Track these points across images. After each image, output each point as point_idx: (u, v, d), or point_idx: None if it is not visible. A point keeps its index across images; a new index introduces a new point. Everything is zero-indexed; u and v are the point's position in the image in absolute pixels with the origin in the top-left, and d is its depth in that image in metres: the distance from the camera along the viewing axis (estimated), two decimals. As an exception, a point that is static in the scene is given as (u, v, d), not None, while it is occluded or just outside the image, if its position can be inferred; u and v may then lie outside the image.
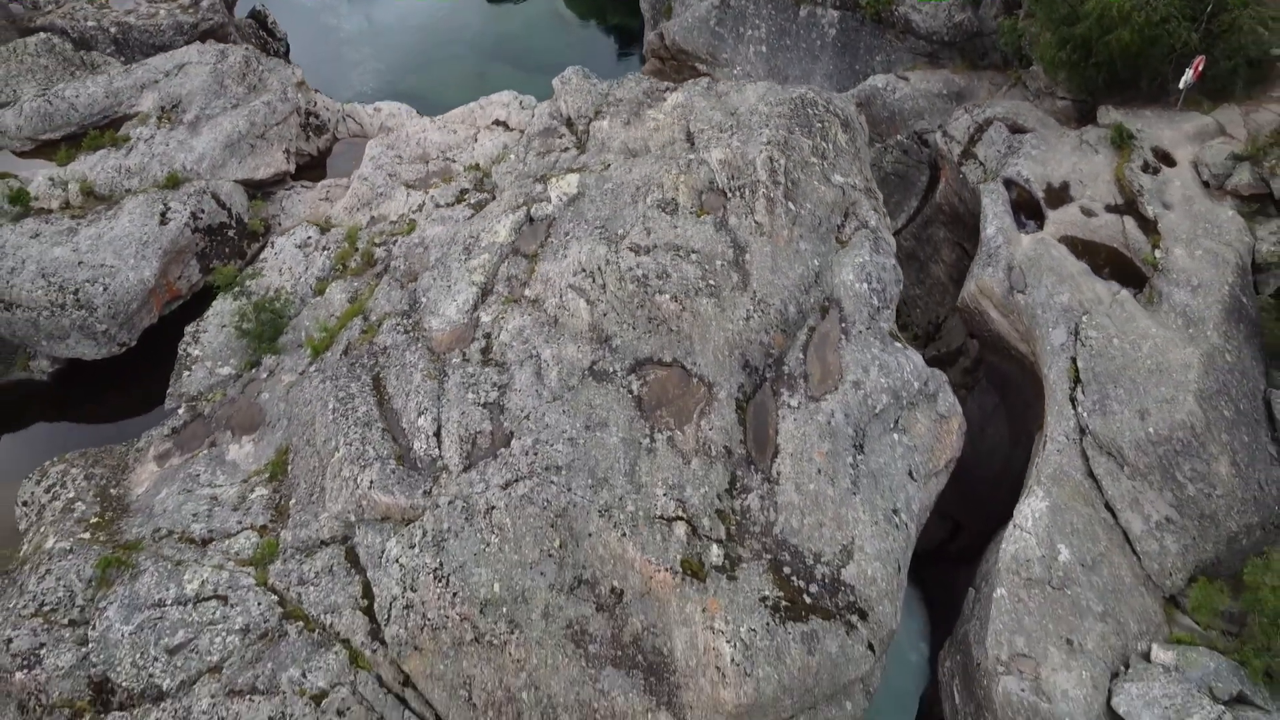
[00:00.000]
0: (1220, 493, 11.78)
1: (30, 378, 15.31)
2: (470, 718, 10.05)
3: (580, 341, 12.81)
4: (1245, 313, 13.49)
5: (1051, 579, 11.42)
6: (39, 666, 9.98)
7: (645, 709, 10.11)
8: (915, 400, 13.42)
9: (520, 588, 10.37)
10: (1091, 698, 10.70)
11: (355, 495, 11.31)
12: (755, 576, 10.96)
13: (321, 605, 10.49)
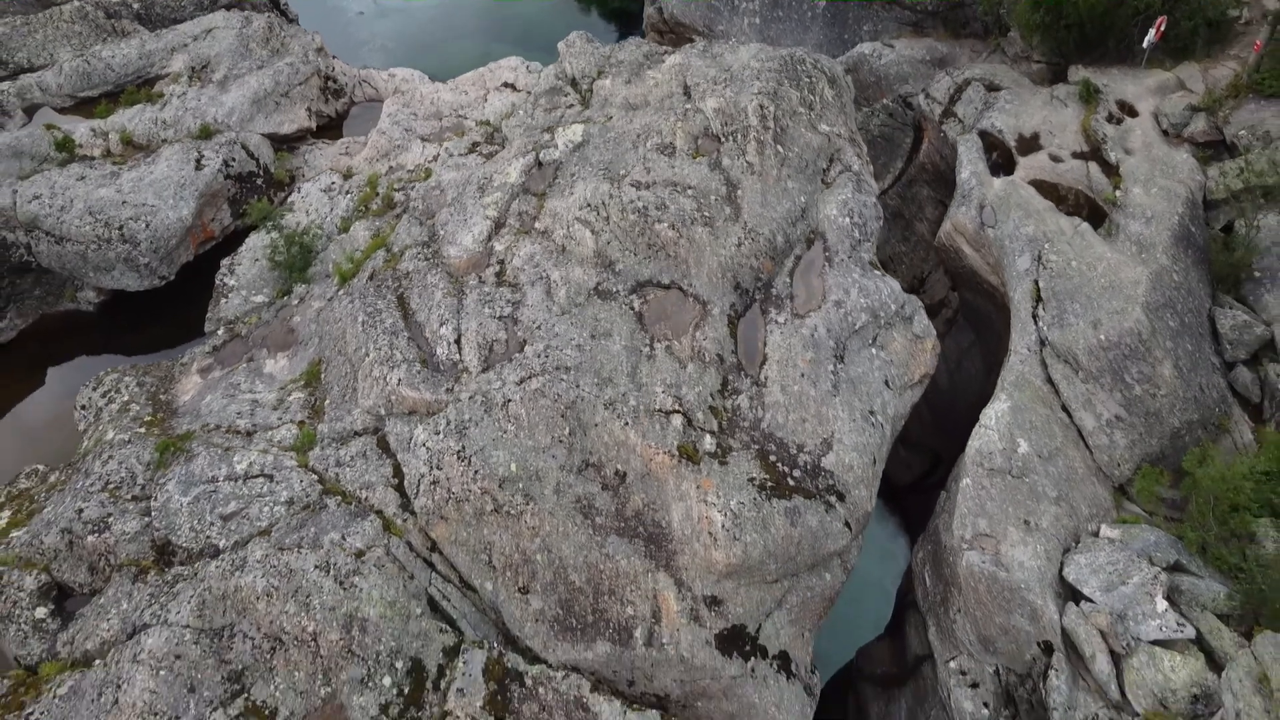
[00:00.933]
0: (1164, 393, 13.12)
1: (77, 309, 16.63)
2: (490, 577, 11.36)
3: (586, 266, 14.13)
4: (1193, 240, 14.84)
5: (1011, 469, 12.75)
6: (108, 531, 11.31)
7: (646, 570, 11.43)
8: (892, 321, 14.77)
9: (534, 468, 11.68)
10: (1045, 568, 12.03)
11: (385, 392, 12.65)
12: (744, 462, 12.30)
13: (357, 483, 11.81)
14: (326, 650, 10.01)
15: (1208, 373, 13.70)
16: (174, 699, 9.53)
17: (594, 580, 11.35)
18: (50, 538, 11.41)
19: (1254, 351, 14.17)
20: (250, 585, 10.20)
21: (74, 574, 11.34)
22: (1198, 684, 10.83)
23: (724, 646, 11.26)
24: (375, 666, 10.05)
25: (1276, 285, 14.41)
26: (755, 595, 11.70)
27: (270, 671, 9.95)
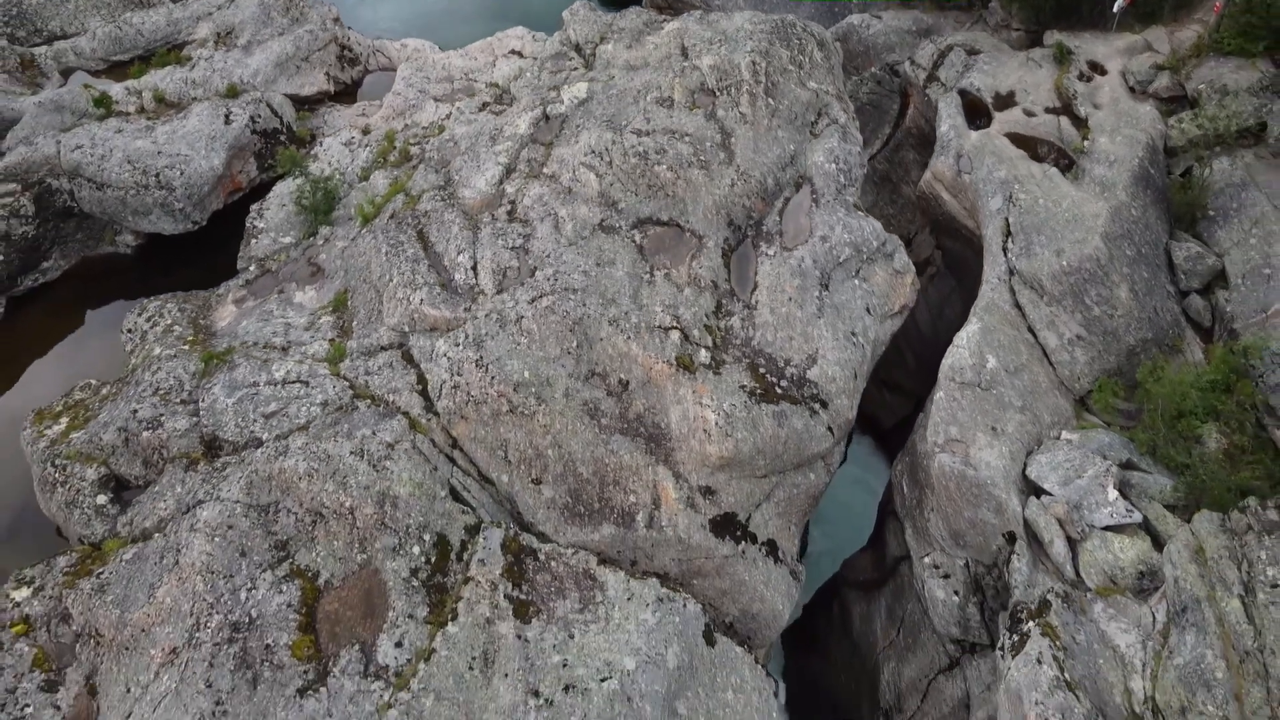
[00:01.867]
0: (1120, 314, 14.41)
1: (116, 251, 17.91)
2: (506, 471, 12.63)
3: (591, 204, 15.40)
4: (1152, 181, 16.12)
5: (980, 382, 14.03)
6: (160, 429, 12.58)
7: (647, 464, 12.70)
8: (874, 256, 16.04)
9: (545, 375, 12.94)
10: (1009, 467, 13.30)
11: (408, 310, 13.93)
12: (736, 373, 13.57)
13: (385, 388, 13.07)
14: (362, 523, 11.27)
15: (1162, 298, 14.98)
16: (228, 561, 10.79)
17: (600, 472, 12.62)
18: (108, 435, 12.67)
19: (1207, 281, 15.44)
20: (293, 468, 11.47)
21: (130, 467, 12.60)
22: (1144, 562, 12.09)
23: (717, 530, 12.54)
24: (405, 538, 11.32)
25: (1228, 222, 15.68)
26: (746, 487, 12.97)
27: (312, 541, 11.22)
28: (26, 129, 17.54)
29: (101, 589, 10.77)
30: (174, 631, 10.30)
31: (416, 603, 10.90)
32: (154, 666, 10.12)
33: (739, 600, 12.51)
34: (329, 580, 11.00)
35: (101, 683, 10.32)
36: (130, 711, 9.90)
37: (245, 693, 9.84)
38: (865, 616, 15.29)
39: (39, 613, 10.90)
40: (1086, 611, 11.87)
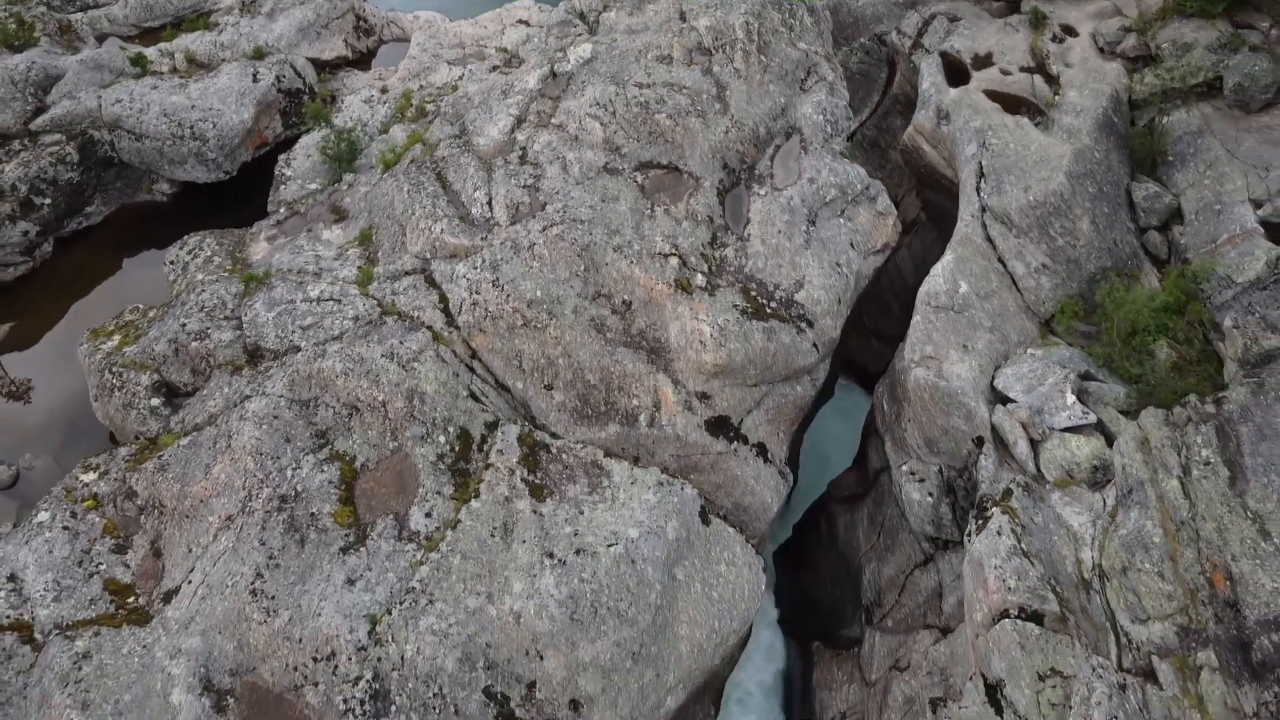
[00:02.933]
0: (1082, 244, 15.78)
1: (153, 199, 19.28)
2: (520, 378, 14.00)
3: (596, 149, 16.77)
4: (1115, 129, 17.50)
5: (954, 305, 15.39)
6: (208, 339, 13.95)
7: (648, 372, 14.07)
8: (858, 199, 17.42)
9: (556, 295, 14.31)
10: (978, 379, 14.66)
11: (430, 239, 15.30)
12: (729, 294, 14.94)
13: (410, 306, 14.43)
14: (393, 415, 12.64)
15: (1122, 232, 16.36)
16: (274, 445, 12.16)
17: (606, 379, 13.99)
18: (159, 347, 14.04)
19: (1165, 219, 16.80)
20: (330, 367, 12.84)
21: (180, 375, 13.97)
22: (1098, 458, 13.45)
23: (712, 430, 13.91)
24: (432, 428, 12.69)
25: (1185, 166, 17.05)
26: (738, 394, 14.34)
27: (349, 430, 12.59)
28: (69, 85, 18.89)
29: (163, 468, 12.14)
30: (229, 502, 11.67)
31: (443, 482, 12.27)
32: (213, 530, 11.49)
33: (732, 493, 13.87)
34: (365, 463, 12.37)
35: (165, 545, 11.69)
36: (193, 567, 11.26)
37: (294, 550, 11.20)
38: (849, 526, 16.66)
39: (105, 491, 12.26)
40: (1045, 499, 13.25)
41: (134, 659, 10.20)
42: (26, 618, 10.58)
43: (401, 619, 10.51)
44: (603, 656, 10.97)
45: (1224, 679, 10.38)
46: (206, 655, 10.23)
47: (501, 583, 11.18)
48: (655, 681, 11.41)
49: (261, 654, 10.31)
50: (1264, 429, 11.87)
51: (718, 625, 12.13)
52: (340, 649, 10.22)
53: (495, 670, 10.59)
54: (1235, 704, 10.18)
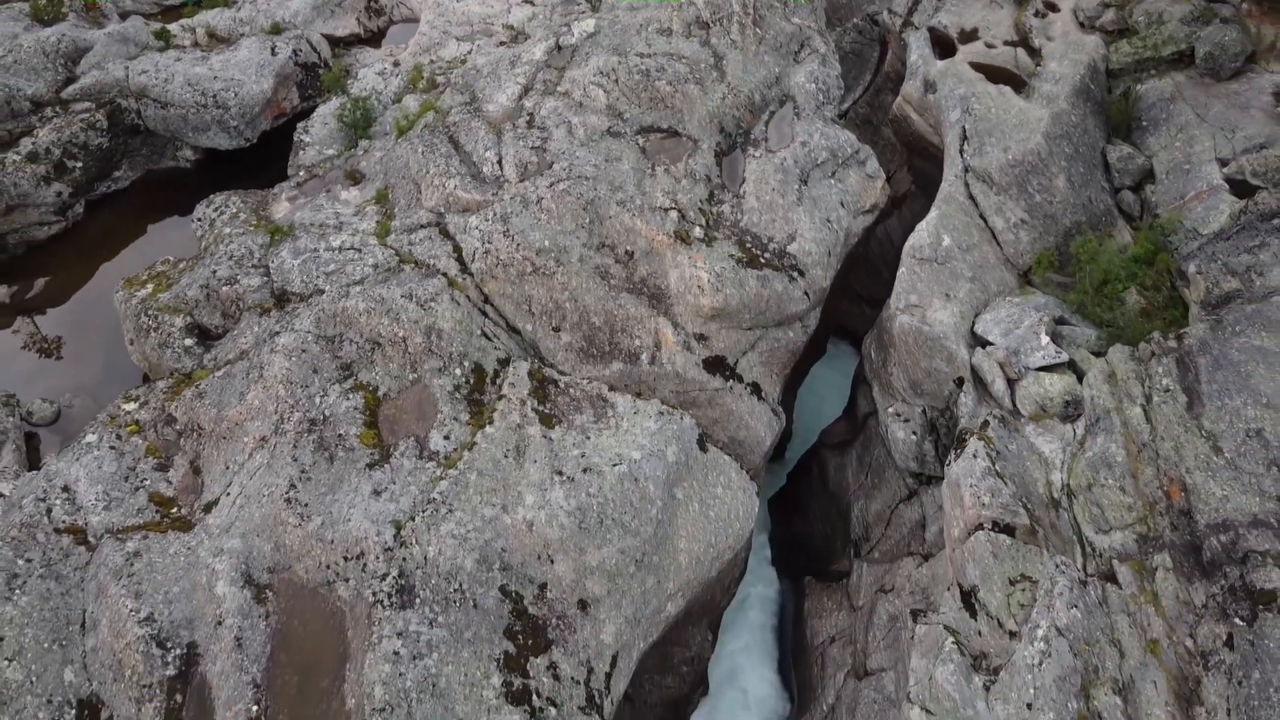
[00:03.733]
0: (1058, 200, 16.78)
1: (178, 165, 20.29)
2: (530, 321, 14.99)
3: (600, 114, 17.77)
4: (1092, 95, 18.52)
5: (937, 257, 16.39)
6: (237, 284, 14.95)
7: (649, 315, 15.07)
8: (849, 162, 18.43)
9: (562, 244, 15.30)
10: (959, 324, 15.66)
11: (444, 194, 16.30)
12: (726, 246, 15.94)
13: (426, 255, 15.43)
14: (413, 349, 13.64)
15: (1097, 191, 17.36)
16: (303, 375, 13.16)
17: (609, 322, 14.98)
18: (191, 291, 15.04)
19: (1138, 180, 17.81)
20: (354, 306, 13.84)
21: (211, 318, 14.96)
22: (1069, 393, 14.44)
23: (709, 368, 14.90)
24: (449, 361, 13.69)
25: (1157, 130, 18.06)
26: (734, 336, 15.34)
27: (371, 363, 13.59)
28: (98, 56, 19.90)
29: (200, 395, 13.15)
30: (262, 424, 12.67)
31: (459, 410, 13.27)
32: (248, 449, 12.49)
33: (728, 428, 14.87)
34: (387, 392, 13.36)
35: (204, 464, 12.69)
36: (230, 481, 12.27)
37: (324, 466, 12.20)
38: (839, 468, 17.65)
39: (146, 418, 13.25)
40: (1019, 431, 14.25)
41: (180, 558, 11.19)
42: (80, 523, 11.57)
43: (424, 524, 11.50)
44: (608, 562, 11.97)
45: (1177, 577, 11.37)
46: (246, 554, 11.22)
47: (515, 496, 12.17)
48: (656, 588, 12.40)
49: (296, 554, 11.30)
50: (1220, 360, 12.86)
51: (714, 541, 13.13)
52: (368, 549, 11.21)
53: (510, 571, 11.59)
54: (1186, 598, 11.18)
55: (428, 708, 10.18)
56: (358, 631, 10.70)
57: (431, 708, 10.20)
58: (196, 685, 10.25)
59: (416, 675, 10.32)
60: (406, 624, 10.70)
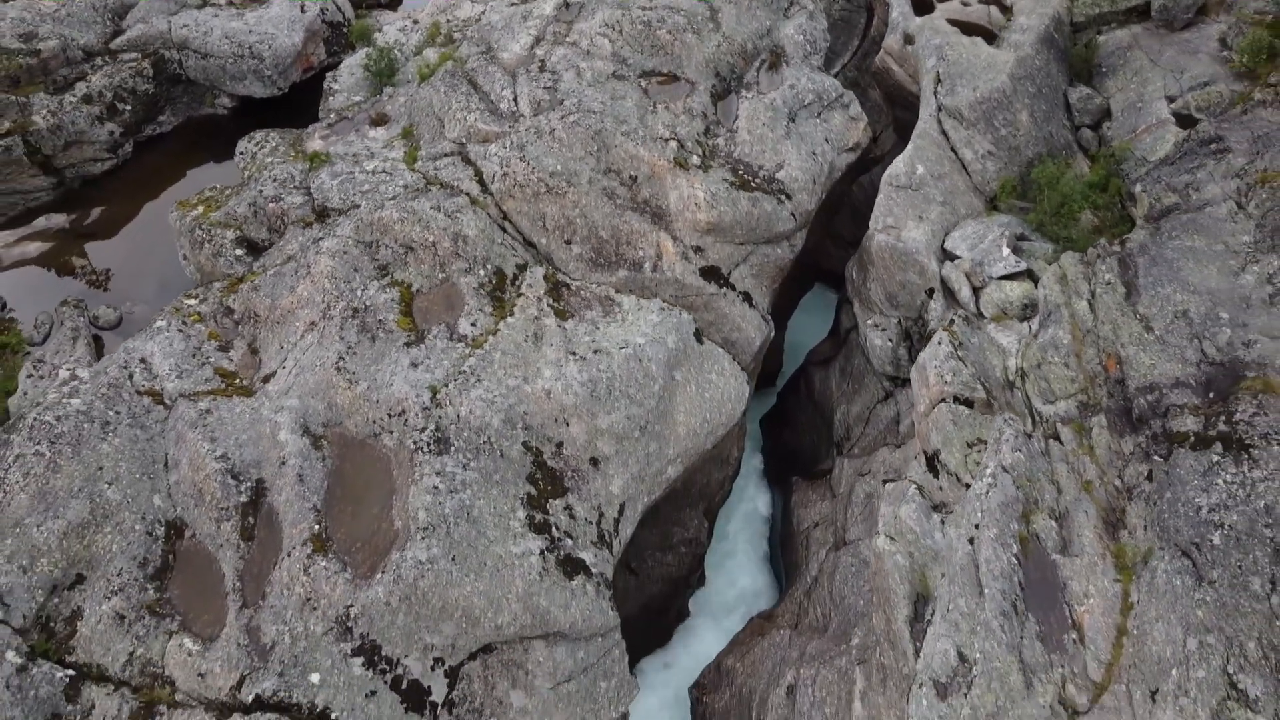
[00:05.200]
0: (1021, 133, 18.62)
1: (215, 113, 22.12)
2: (544, 235, 16.79)
3: (605, 60, 19.60)
4: (1055, 43, 20.37)
5: (912, 184, 18.21)
6: (282, 201, 16.77)
7: (651, 230, 16.87)
8: (833, 104, 20.27)
9: (573, 169, 17.10)
10: (931, 241, 17.47)
11: (465, 126, 18.13)
12: (720, 171, 17.76)
13: (450, 178, 17.24)
14: (442, 252, 15.46)
15: (1058, 127, 19.20)
16: (345, 273, 14.97)
17: (616, 235, 16.80)
18: (240, 209, 16.85)
19: (1096, 119, 19.64)
20: (388, 216, 15.65)
21: (258, 232, 16.77)
22: (1028, 297, 16.26)
23: (705, 276, 16.72)
24: (474, 263, 15.51)
25: (1115, 74, 19.90)
26: (727, 250, 17.16)
27: (405, 265, 15.40)
28: (142, 11, 21.74)
29: (255, 289, 14.97)
30: (311, 312, 14.48)
31: (484, 303, 15.09)
32: (300, 331, 14.31)
33: (721, 329, 16.68)
34: (419, 289, 15.18)
35: (261, 345, 14.51)
36: (286, 358, 14.08)
37: (368, 344, 14.01)
38: (823, 380, 19.47)
39: (207, 311, 15.07)
40: (981, 328, 16.07)
41: (245, 415, 13.00)
42: (157, 388, 13.37)
43: (456, 390, 13.31)
44: (616, 426, 13.78)
45: (1110, 433, 13.20)
46: (303, 412, 13.03)
47: (534, 371, 13.99)
48: (658, 452, 14.22)
49: (346, 411, 13.12)
50: (1156, 258, 14.71)
51: (708, 417, 14.94)
52: (409, 408, 13.02)
53: (531, 431, 13.41)
54: (1117, 448, 13.00)
55: (463, 530, 11.98)
56: (402, 472, 12.51)
57: (466, 530, 12.00)
58: (265, 512, 12.05)
59: (453, 505, 12.13)
60: (444, 466, 12.51)
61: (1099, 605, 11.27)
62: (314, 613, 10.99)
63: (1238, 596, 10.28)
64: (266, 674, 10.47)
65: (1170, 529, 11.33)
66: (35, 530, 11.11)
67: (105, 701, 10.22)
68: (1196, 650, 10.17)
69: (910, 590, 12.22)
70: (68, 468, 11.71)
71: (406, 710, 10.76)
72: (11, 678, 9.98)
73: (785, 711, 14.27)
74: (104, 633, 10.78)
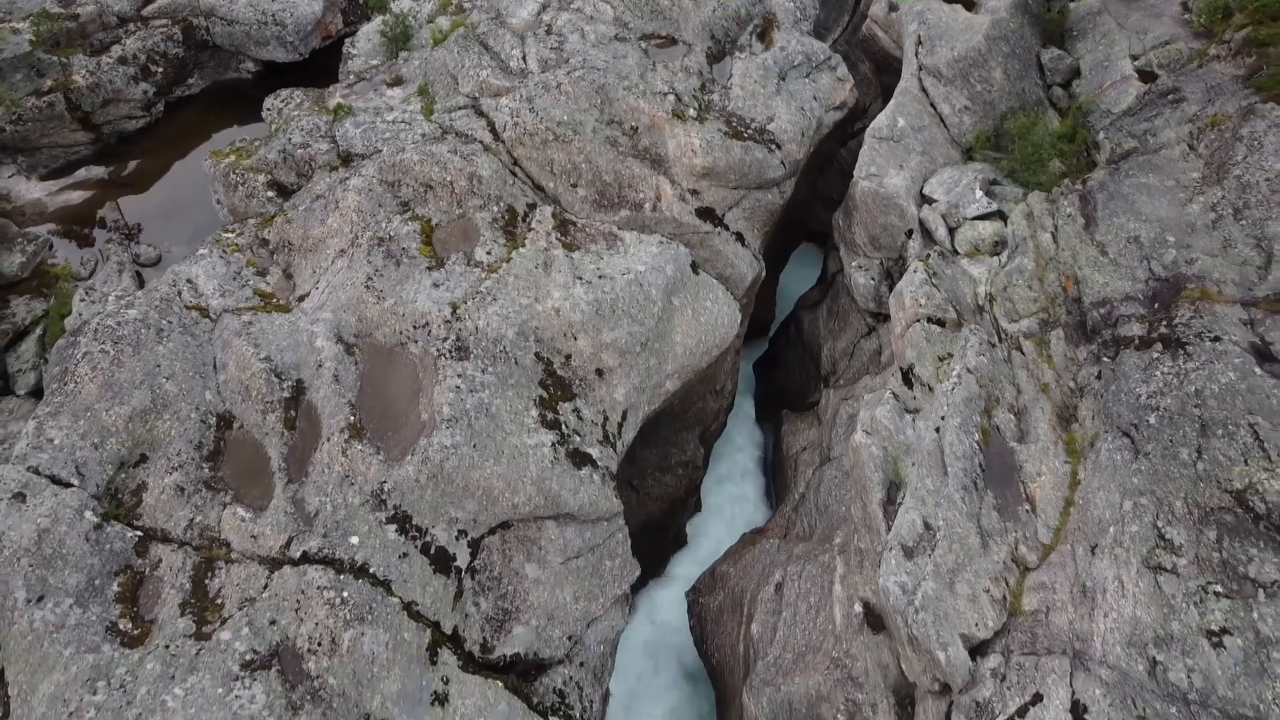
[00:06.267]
0: (996, 89, 20.08)
1: (240, 77, 23.56)
2: (552, 180, 18.23)
3: (607, 24, 21.07)
4: (1029, 9, 21.85)
5: (893, 136, 19.67)
6: (310, 148, 18.20)
7: (651, 174, 18.32)
8: (821, 66, 21.73)
9: (578, 119, 18.55)
10: (910, 187, 18.93)
11: (478, 81, 19.58)
12: (715, 123, 19.21)
13: (465, 128, 18.66)
14: (458, 190, 16.90)
15: (1031, 85, 20.67)
16: (370, 207, 16.40)
17: (618, 180, 18.24)
18: (271, 155, 18.29)
19: (1067, 79, 21.12)
20: (409, 158, 17.09)
21: (288, 176, 18.21)
22: (998, 235, 17.72)
23: (701, 215, 18.17)
24: (487, 200, 16.95)
25: (1085, 36, 21.38)
26: (722, 193, 18.61)
27: (425, 201, 16.84)
28: (171, -19, 23.18)
29: (288, 221, 16.41)
30: (341, 240, 15.92)
31: (497, 235, 16.53)
32: (330, 257, 15.75)
33: (715, 265, 18.12)
34: (438, 223, 16.63)
35: (294, 270, 15.95)
36: (318, 280, 15.52)
37: (393, 268, 15.45)
38: (811, 321, 20.92)
39: (244, 242, 16.51)
40: (955, 263, 17.52)
41: (284, 327, 14.43)
42: (203, 304, 14.81)
43: (474, 306, 14.76)
44: (620, 341, 15.23)
45: (1066, 343, 14.65)
46: (336, 323, 14.47)
47: (544, 292, 15.44)
48: (657, 366, 15.66)
49: (376, 324, 14.55)
50: (1114, 194, 16.17)
51: (703, 339, 16.38)
52: (432, 321, 14.46)
53: (542, 343, 14.85)
54: (1072, 355, 14.45)
55: (483, 423, 13.42)
56: (427, 375, 13.95)
57: (485, 424, 13.44)
58: (304, 406, 13.48)
59: (474, 402, 13.57)
60: (464, 370, 13.96)
61: (1050, 481, 12.72)
62: (352, 487, 12.42)
63: (1168, 465, 11.73)
64: (311, 535, 11.90)
65: (1114, 415, 12.78)
66: (104, 414, 12.55)
67: (170, 556, 11.64)
68: (1131, 510, 11.61)
69: (884, 477, 13.66)
70: (129, 364, 13.15)
71: (434, 571, 12.19)
72: (90, 533, 11.40)
73: (774, 605, 15.69)
74: (166, 502, 12.20)
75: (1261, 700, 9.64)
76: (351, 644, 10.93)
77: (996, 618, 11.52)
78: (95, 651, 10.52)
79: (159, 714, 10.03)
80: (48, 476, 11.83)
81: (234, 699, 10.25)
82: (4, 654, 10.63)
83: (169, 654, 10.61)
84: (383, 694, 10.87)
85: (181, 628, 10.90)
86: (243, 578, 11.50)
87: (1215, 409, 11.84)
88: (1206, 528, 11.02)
